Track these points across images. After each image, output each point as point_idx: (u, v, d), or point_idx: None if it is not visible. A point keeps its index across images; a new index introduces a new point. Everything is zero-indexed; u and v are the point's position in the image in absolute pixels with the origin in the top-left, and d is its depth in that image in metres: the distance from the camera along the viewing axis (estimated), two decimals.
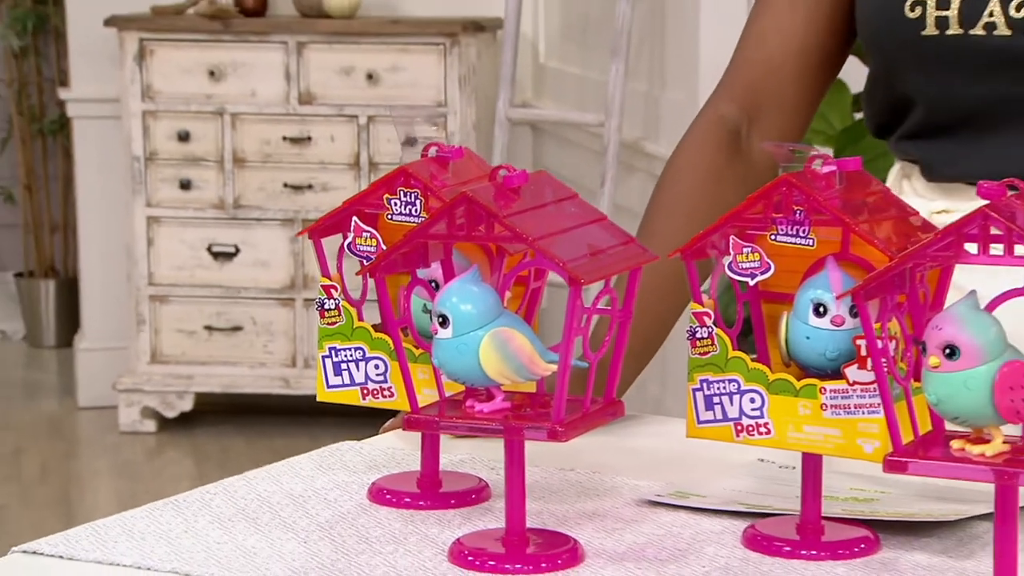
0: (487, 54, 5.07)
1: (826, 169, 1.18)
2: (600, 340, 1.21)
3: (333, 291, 1.30)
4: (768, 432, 1.18)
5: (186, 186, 5.14)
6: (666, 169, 1.63)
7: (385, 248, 1.26)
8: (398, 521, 1.26)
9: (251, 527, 1.24)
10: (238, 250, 5.12)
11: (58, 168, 6.32)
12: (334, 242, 1.31)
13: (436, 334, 1.15)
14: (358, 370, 1.30)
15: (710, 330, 1.20)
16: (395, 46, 5.04)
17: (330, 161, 5.08)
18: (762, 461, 1.38)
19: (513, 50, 4.61)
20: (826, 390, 1.16)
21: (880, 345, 1.10)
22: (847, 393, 1.16)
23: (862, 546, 1.20)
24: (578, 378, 1.16)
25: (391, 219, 1.29)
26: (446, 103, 5.02)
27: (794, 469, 1.22)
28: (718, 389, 1.19)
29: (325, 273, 1.31)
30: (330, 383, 1.31)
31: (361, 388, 1.30)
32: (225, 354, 5.15)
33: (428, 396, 1.22)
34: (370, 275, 1.21)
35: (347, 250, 1.30)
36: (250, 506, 1.29)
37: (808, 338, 1.17)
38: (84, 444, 5.19)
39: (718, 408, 1.20)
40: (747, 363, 1.19)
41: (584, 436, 1.17)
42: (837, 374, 1.16)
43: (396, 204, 1.28)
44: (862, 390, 1.15)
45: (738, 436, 1.19)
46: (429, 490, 1.30)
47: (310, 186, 5.09)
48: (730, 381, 1.19)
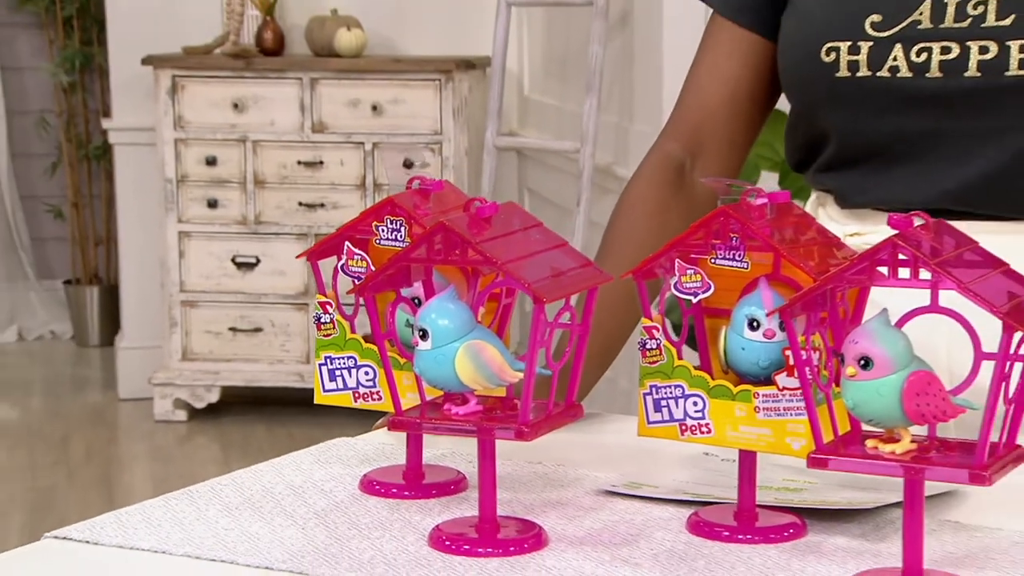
0: (477, 88, 5.06)
1: (759, 201, 1.18)
2: (562, 351, 1.21)
3: (328, 307, 1.30)
4: (709, 431, 1.18)
5: (213, 205, 5.13)
6: (620, 201, 1.63)
7: (374, 269, 1.26)
8: (385, 510, 1.25)
9: (256, 515, 1.24)
10: (258, 261, 5.12)
11: (101, 189, 6.31)
12: (330, 263, 1.31)
13: (417, 346, 1.15)
14: (350, 376, 1.29)
15: (658, 342, 1.20)
16: (396, 82, 5.04)
17: (339, 183, 5.07)
18: (707, 455, 1.38)
19: (500, 85, 4.61)
20: (759, 395, 1.16)
21: (805, 356, 1.10)
22: (777, 398, 1.16)
23: (791, 531, 1.20)
24: (542, 384, 1.16)
25: (379, 244, 1.28)
26: (441, 132, 5.01)
27: (734, 462, 1.22)
28: (665, 394, 1.19)
29: (321, 291, 1.30)
30: (326, 387, 1.31)
31: (353, 392, 1.30)
32: (247, 352, 5.15)
33: (412, 399, 1.21)
34: (360, 293, 1.22)
35: (341, 271, 1.29)
36: (255, 496, 1.29)
37: (743, 349, 1.17)
38: (123, 431, 5.18)
39: (665, 410, 1.20)
40: (690, 371, 1.19)
41: (550, 433, 1.17)
42: (769, 381, 1.16)
43: (383, 230, 1.28)
44: (790, 395, 1.15)
45: (683, 435, 1.19)
46: (413, 482, 1.30)
47: (322, 204, 5.08)
48: (676, 387, 1.19)
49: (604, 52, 4.20)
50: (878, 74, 1.46)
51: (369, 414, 1.36)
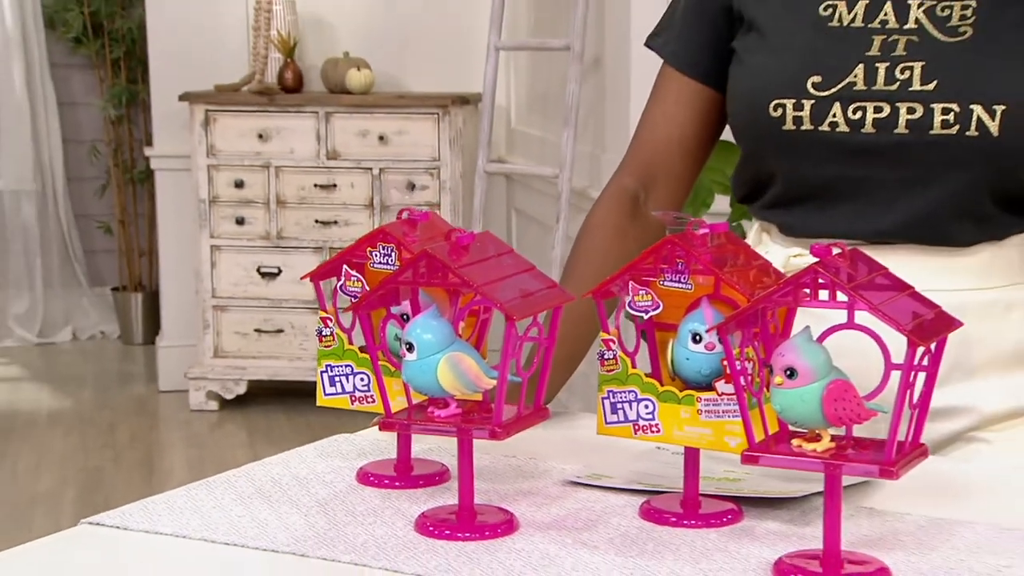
0: (470, 121, 5.06)
1: (701, 231, 1.18)
2: (531, 361, 1.22)
3: (329, 321, 1.29)
4: (658, 431, 1.19)
5: (240, 222, 5.11)
6: (583, 227, 1.63)
7: (368, 290, 1.26)
8: (378, 499, 1.25)
9: (264, 503, 1.24)
10: (280, 271, 5.10)
11: (144, 208, 6.30)
12: (330, 284, 1.31)
13: (405, 357, 1.15)
14: (348, 382, 1.29)
15: (615, 353, 1.20)
16: (400, 115, 5.03)
17: (350, 203, 5.06)
18: (659, 449, 1.38)
19: (490, 118, 4.61)
20: (701, 399, 1.16)
21: (740, 366, 1.10)
22: (717, 402, 1.16)
23: (729, 517, 1.20)
24: (514, 390, 1.16)
25: (373, 267, 1.28)
26: (439, 158, 5.00)
27: (682, 454, 1.22)
28: (620, 398, 1.19)
29: (323, 307, 1.30)
30: (327, 392, 1.30)
31: (350, 396, 1.29)
32: (271, 350, 5.14)
33: (401, 403, 1.20)
34: (356, 311, 1.22)
35: (340, 290, 1.29)
36: (265, 486, 1.29)
37: (688, 359, 1.17)
38: (163, 420, 5.17)
39: (620, 412, 1.20)
40: (642, 378, 1.19)
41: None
42: (710, 387, 1.16)
43: (376, 256, 1.28)
44: (728, 400, 1.15)
45: (636, 434, 1.19)
46: (403, 473, 1.30)
47: (335, 222, 5.07)
48: (629, 392, 1.19)
49: (579, 91, 4.20)
50: (820, 128, 1.46)
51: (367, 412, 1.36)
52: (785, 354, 1.06)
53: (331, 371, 1.30)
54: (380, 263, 1.28)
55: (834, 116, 1.45)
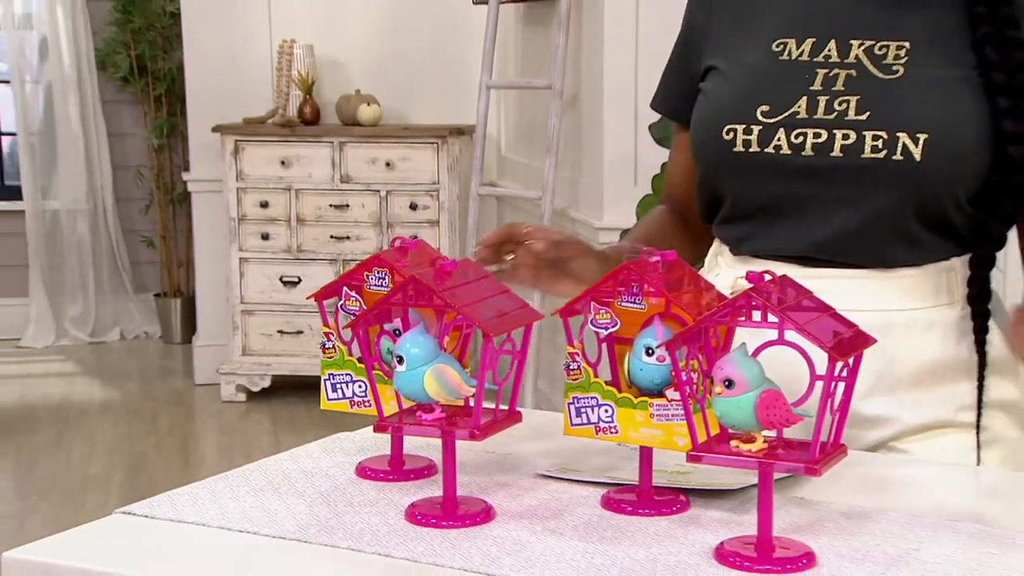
0: (466, 150, 5.06)
1: (653, 259, 1.18)
2: (505, 372, 1.21)
3: (331, 336, 1.29)
4: (617, 432, 1.18)
5: (265, 237, 5.11)
6: (648, 213, 1.76)
7: (365, 308, 1.26)
8: (373, 490, 1.25)
9: (275, 495, 1.23)
10: (300, 280, 5.10)
11: (182, 224, 6.29)
12: (332, 303, 1.30)
13: (396, 368, 1.15)
14: (347, 389, 1.28)
15: (579, 364, 1.19)
16: (405, 144, 5.03)
17: (361, 220, 5.06)
18: (620, 445, 1.38)
19: (482, 147, 4.61)
20: (653, 405, 1.16)
21: (685, 377, 1.10)
22: (667, 407, 1.16)
23: (678, 506, 1.20)
24: (491, 397, 1.17)
25: (369, 289, 1.28)
26: (438, 182, 5.01)
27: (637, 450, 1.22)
28: (584, 403, 1.19)
29: (326, 323, 1.29)
30: (329, 397, 1.30)
31: (350, 400, 1.29)
32: (292, 349, 5.13)
33: (393, 407, 1.20)
34: (354, 327, 1.22)
35: (340, 309, 1.29)
36: (276, 479, 1.28)
37: (642, 370, 1.17)
38: (198, 410, 5.18)
39: (584, 415, 1.19)
40: (603, 386, 1.19)
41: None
42: (661, 394, 1.16)
43: (372, 279, 1.27)
44: (676, 405, 1.15)
45: (597, 434, 1.19)
46: (396, 468, 1.30)
47: (348, 237, 5.07)
48: (591, 398, 1.19)
49: (560, 124, 4.20)
50: (765, 151, 1.44)
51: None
52: (724, 367, 1.07)
53: (333, 379, 1.29)
54: (375, 285, 1.28)
55: (778, 140, 1.44)
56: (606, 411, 1.19)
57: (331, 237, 5.09)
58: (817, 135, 1.42)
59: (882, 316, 1.40)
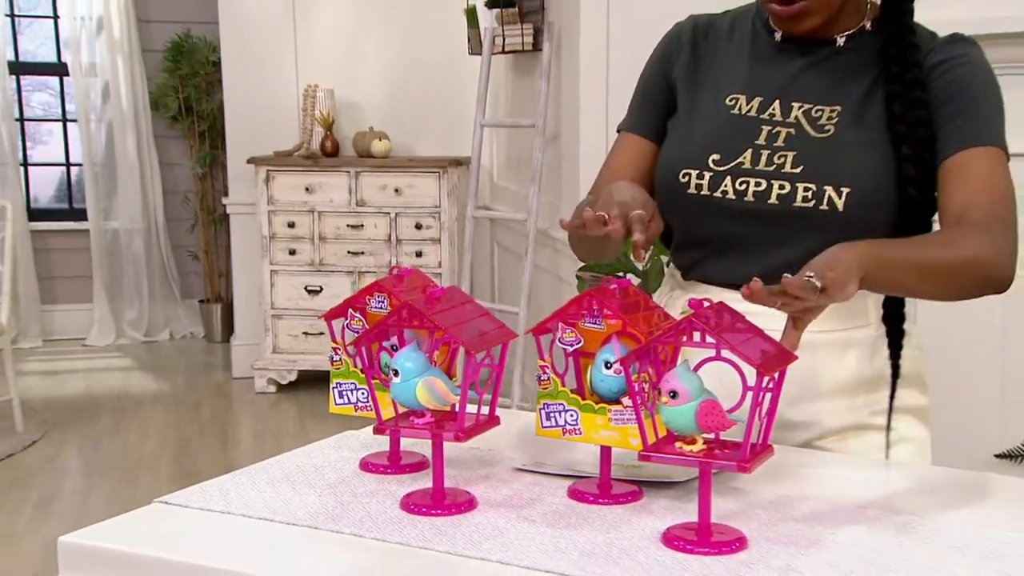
0: (463, 178, 5.06)
1: (612, 286, 1.19)
2: (485, 382, 1.21)
3: (338, 350, 1.29)
4: (580, 433, 1.19)
5: (292, 252, 5.10)
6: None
7: (367, 328, 1.26)
8: (374, 482, 1.25)
9: (289, 486, 1.24)
10: (322, 289, 5.09)
11: (222, 241, 6.27)
12: (340, 322, 1.31)
13: (392, 380, 1.15)
14: (352, 395, 1.29)
15: (548, 375, 1.20)
16: (411, 173, 5.02)
17: (374, 238, 5.05)
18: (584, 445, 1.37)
19: (477, 176, 4.60)
20: (612, 410, 1.17)
21: (637, 388, 1.11)
22: (623, 412, 1.16)
23: (633, 495, 1.21)
24: (473, 403, 1.17)
25: (371, 311, 1.28)
26: (440, 206, 5.00)
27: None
28: (552, 409, 1.19)
29: (333, 340, 1.29)
30: (337, 402, 1.30)
31: (354, 405, 1.29)
32: (315, 348, 5.12)
33: (390, 412, 1.20)
34: (358, 344, 1.22)
35: (346, 328, 1.29)
36: (291, 472, 1.28)
37: (602, 381, 1.17)
38: (235, 400, 5.16)
39: (553, 419, 1.20)
40: (569, 394, 1.19)
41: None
42: (618, 402, 1.17)
43: (373, 302, 1.28)
44: (630, 411, 1.15)
45: (564, 436, 1.19)
46: (394, 463, 1.30)
47: (363, 252, 5.05)
48: (559, 404, 1.19)
49: (543, 157, 4.20)
50: (714, 194, 1.43)
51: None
52: (669, 380, 1.07)
53: (340, 387, 1.29)
54: (376, 308, 1.28)
55: (725, 186, 1.43)
56: (572, 415, 1.19)
57: (348, 252, 5.07)
58: (758, 184, 1.42)
59: (807, 336, 1.39)
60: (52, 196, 6.50)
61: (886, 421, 1.44)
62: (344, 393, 1.29)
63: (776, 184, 1.41)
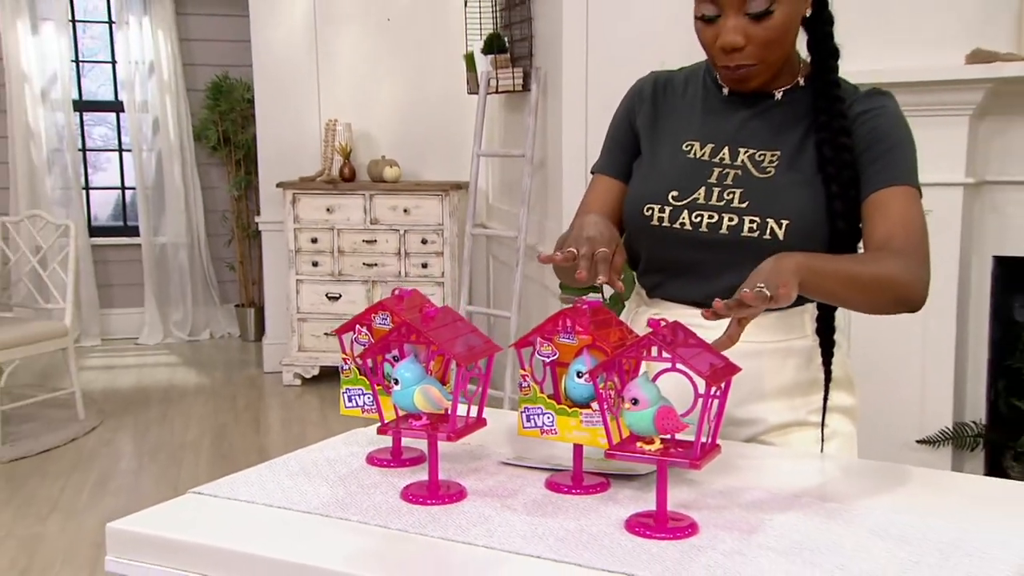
0: (463, 200, 5.05)
1: (584, 306, 1.19)
2: (474, 390, 1.21)
3: (347, 360, 1.28)
4: (556, 433, 1.18)
5: (315, 264, 5.09)
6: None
7: (372, 341, 1.26)
8: (379, 475, 1.24)
9: (305, 478, 1.23)
10: (340, 296, 5.08)
11: (255, 254, 6.26)
12: (349, 336, 1.29)
13: (393, 387, 1.15)
14: (360, 400, 1.28)
15: (529, 383, 1.19)
16: (417, 195, 5.01)
17: (386, 252, 5.04)
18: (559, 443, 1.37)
19: (474, 198, 4.59)
20: (583, 414, 1.16)
21: (604, 395, 1.10)
22: (592, 416, 1.16)
23: (600, 487, 1.20)
24: (463, 406, 1.17)
25: (376, 327, 1.28)
26: (442, 224, 4.99)
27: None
28: (532, 412, 1.19)
29: (343, 352, 1.29)
30: (347, 405, 1.29)
31: (361, 409, 1.28)
32: (335, 347, 5.08)
33: (392, 414, 1.20)
34: (364, 356, 1.21)
35: (355, 341, 1.28)
36: (307, 465, 1.28)
37: (574, 388, 1.16)
38: (266, 392, 5.15)
39: (532, 421, 1.19)
40: (546, 399, 1.18)
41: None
42: (588, 406, 1.16)
43: (378, 319, 1.27)
44: (599, 415, 1.15)
45: (542, 435, 1.18)
46: (396, 457, 1.29)
47: (376, 264, 5.05)
48: (538, 408, 1.19)
49: (531, 182, 4.19)
50: (673, 226, 1.43)
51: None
52: (631, 389, 1.07)
53: (349, 392, 1.29)
54: (380, 324, 1.28)
55: (683, 218, 1.43)
56: (548, 418, 1.19)
57: (363, 264, 5.06)
58: (711, 216, 1.42)
59: (753, 346, 1.40)
60: (110, 215, 6.49)
61: (821, 419, 1.45)
62: (353, 397, 1.29)
63: (726, 217, 1.41)
